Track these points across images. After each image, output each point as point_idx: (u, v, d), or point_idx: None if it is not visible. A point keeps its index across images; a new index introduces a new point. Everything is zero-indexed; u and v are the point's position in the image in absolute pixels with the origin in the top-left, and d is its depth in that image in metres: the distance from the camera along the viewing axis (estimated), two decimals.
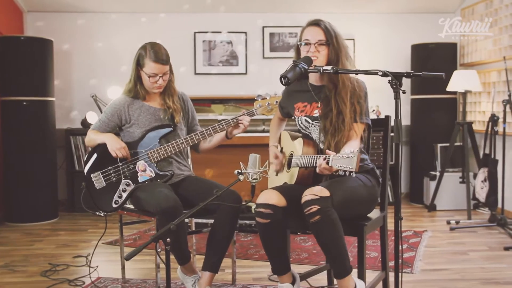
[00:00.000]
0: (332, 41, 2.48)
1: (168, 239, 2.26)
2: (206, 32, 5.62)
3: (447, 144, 5.10)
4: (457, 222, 4.53)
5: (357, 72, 2.34)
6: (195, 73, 5.63)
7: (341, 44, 2.51)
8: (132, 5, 5.45)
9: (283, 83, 2.34)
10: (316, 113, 2.55)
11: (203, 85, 5.63)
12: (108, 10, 5.50)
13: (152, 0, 5.41)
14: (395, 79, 2.12)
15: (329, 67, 2.32)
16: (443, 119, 5.35)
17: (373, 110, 5.48)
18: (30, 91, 4.71)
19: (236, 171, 2.42)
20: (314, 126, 2.57)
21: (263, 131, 5.20)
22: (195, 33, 5.60)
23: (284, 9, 5.61)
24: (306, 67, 2.38)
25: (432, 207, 5.13)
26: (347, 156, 2.05)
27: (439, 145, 5.26)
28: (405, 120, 5.73)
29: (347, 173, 2.07)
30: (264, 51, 5.67)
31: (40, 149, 4.78)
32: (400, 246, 2.16)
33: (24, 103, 4.68)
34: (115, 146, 2.83)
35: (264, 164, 2.45)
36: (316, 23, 2.53)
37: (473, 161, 5.05)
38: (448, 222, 4.57)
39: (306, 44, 2.51)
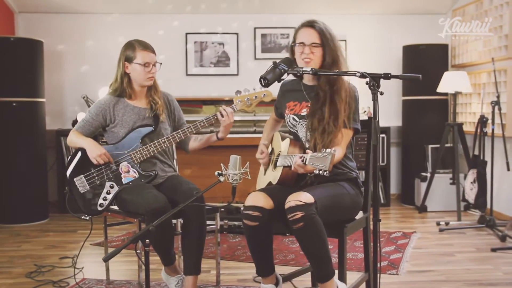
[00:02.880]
0: (328, 43, 2.45)
1: (148, 240, 2.26)
2: (198, 33, 5.62)
3: (438, 145, 5.10)
4: (447, 224, 4.52)
5: (336, 73, 2.34)
6: (187, 74, 5.64)
7: (337, 47, 2.48)
8: (123, 6, 5.45)
9: (263, 84, 2.34)
10: (304, 111, 2.55)
11: (195, 86, 5.64)
12: (100, 11, 5.50)
13: (143, 1, 5.41)
14: (373, 80, 2.11)
15: (308, 69, 2.32)
16: (434, 120, 5.35)
17: (365, 111, 5.48)
18: (19, 92, 4.71)
19: (216, 173, 2.42)
20: (301, 124, 2.56)
21: (255, 132, 5.21)
22: (186, 34, 5.61)
23: (276, 10, 5.61)
24: (286, 68, 2.38)
25: (422, 208, 5.13)
26: (322, 156, 2.05)
27: (430, 146, 5.26)
28: (397, 121, 5.74)
29: (321, 172, 2.06)
30: (256, 52, 5.67)
31: (30, 150, 4.78)
32: (378, 248, 2.15)
33: (14, 104, 4.68)
34: (95, 152, 2.83)
35: (245, 166, 2.45)
36: (310, 24, 2.49)
37: (464, 162, 5.05)
38: (438, 223, 4.57)
39: (300, 45, 2.48)
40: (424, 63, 5.31)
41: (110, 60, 5.41)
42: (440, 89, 4.93)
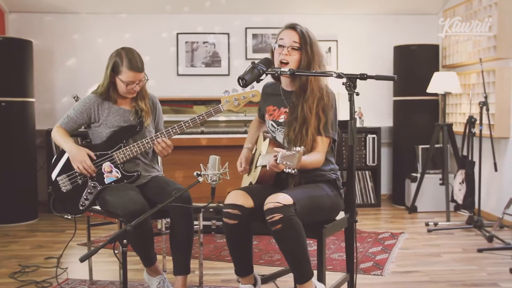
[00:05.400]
0: (306, 47, 2.46)
1: (125, 240, 2.26)
2: (189, 33, 5.62)
3: (428, 146, 5.09)
4: (436, 224, 4.52)
5: (313, 74, 2.34)
6: (178, 74, 5.63)
7: (315, 52, 2.48)
8: (114, 6, 5.45)
9: (241, 84, 2.34)
10: (282, 118, 2.55)
11: (186, 86, 5.63)
12: (91, 11, 5.50)
13: (135, 0, 5.41)
14: (349, 81, 2.11)
15: (286, 69, 2.32)
16: (425, 120, 5.34)
17: (355, 112, 5.47)
18: (8, 92, 4.70)
19: (195, 173, 2.42)
20: (279, 131, 2.57)
21: (245, 132, 5.20)
22: (177, 34, 5.60)
23: (267, 10, 5.61)
24: (265, 69, 2.38)
25: (413, 209, 5.13)
26: (291, 154, 2.05)
27: (420, 146, 5.26)
28: (388, 122, 5.74)
29: (290, 170, 2.07)
30: (247, 52, 5.67)
31: (19, 149, 4.77)
32: (355, 248, 2.15)
33: (3, 103, 4.67)
34: (77, 159, 2.83)
35: (224, 166, 2.45)
36: (293, 26, 2.51)
37: (454, 162, 5.05)
38: (427, 224, 4.57)
39: (280, 46, 2.49)
40: (415, 64, 5.31)
41: (101, 60, 5.38)
42: (430, 89, 4.93)
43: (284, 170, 2.10)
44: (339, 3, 5.51)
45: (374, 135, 5.45)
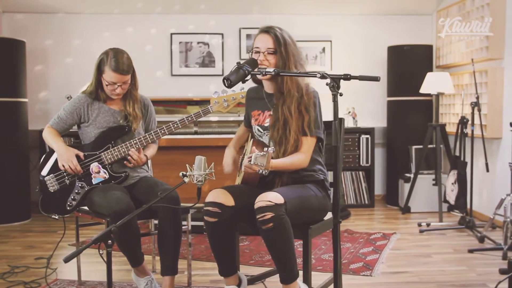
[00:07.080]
0: (280, 49, 2.46)
1: (110, 241, 2.26)
2: (183, 33, 5.62)
3: (422, 146, 5.09)
4: (428, 225, 4.52)
5: (297, 74, 2.34)
6: (172, 75, 5.63)
7: (290, 53, 2.48)
8: (108, 6, 5.44)
9: (226, 85, 2.33)
10: (267, 122, 2.55)
11: (180, 87, 5.63)
12: (85, 11, 5.49)
13: (128, 0, 5.41)
14: (333, 81, 2.11)
15: (271, 69, 2.32)
16: (419, 121, 5.34)
17: (349, 112, 5.47)
18: (1, 92, 4.69)
19: (181, 173, 2.41)
20: (266, 135, 2.57)
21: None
22: (171, 34, 5.60)
23: (261, 11, 5.61)
24: (250, 70, 2.37)
25: (406, 209, 5.13)
26: (262, 154, 2.06)
27: (413, 147, 5.25)
28: (382, 122, 5.74)
29: (261, 171, 2.08)
30: (241, 52, 5.66)
31: (11, 150, 4.77)
32: (339, 249, 2.15)
33: None
34: (64, 158, 2.84)
35: (210, 166, 2.45)
36: (266, 30, 2.51)
37: (447, 163, 5.04)
38: (419, 225, 4.56)
39: (256, 52, 2.50)
40: (409, 64, 5.31)
41: (94, 60, 5.38)
42: (423, 90, 4.93)
43: (257, 171, 2.11)
44: (333, 3, 5.51)
45: (368, 136, 5.45)
